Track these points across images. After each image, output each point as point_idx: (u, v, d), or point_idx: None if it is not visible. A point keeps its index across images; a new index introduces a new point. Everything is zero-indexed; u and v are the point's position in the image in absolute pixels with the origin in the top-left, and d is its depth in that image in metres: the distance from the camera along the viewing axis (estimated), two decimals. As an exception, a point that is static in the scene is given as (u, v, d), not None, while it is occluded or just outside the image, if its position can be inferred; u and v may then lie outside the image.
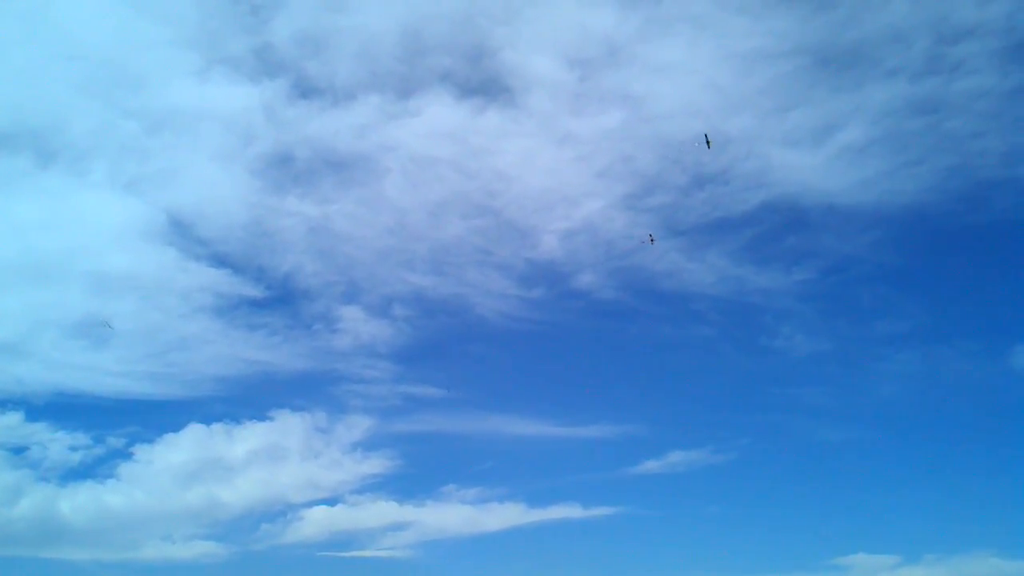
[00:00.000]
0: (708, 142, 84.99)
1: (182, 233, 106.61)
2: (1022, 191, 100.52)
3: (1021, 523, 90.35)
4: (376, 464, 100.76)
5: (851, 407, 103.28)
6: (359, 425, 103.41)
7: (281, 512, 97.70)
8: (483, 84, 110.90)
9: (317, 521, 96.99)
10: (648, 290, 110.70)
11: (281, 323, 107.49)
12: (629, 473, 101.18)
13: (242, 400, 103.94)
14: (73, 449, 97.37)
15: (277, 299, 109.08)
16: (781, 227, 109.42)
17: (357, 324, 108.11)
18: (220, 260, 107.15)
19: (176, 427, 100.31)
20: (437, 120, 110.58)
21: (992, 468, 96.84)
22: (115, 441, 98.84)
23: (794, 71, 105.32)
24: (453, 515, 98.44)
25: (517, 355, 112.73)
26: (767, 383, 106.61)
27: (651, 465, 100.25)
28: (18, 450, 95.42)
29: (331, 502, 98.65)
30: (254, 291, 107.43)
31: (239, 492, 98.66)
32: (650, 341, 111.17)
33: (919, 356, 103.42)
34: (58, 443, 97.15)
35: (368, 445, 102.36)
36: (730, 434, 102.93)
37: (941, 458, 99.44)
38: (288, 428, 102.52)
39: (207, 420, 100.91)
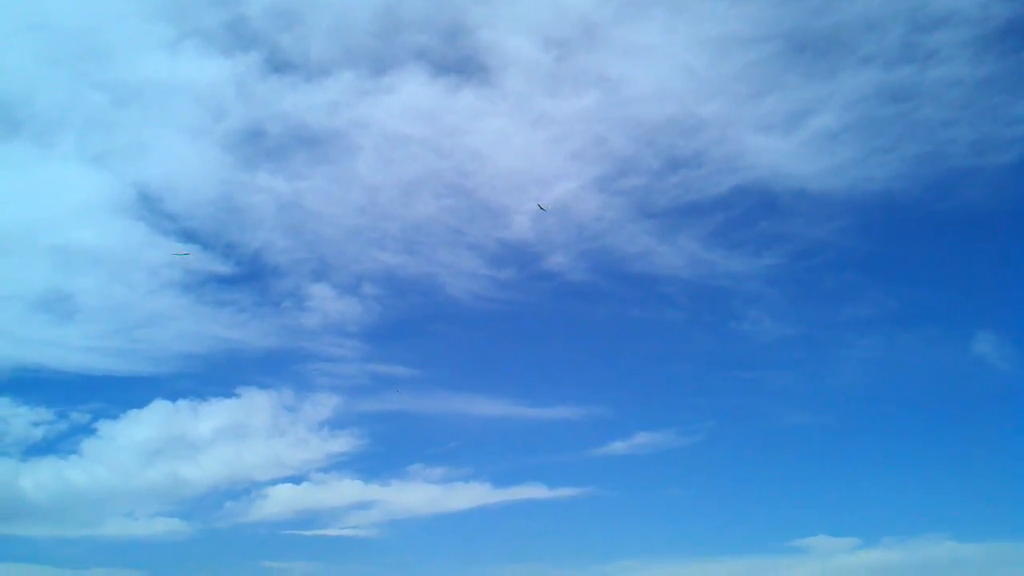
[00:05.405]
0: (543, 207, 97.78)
1: (150, 208, 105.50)
2: (991, 180, 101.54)
3: (978, 507, 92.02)
4: (342, 443, 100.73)
5: (816, 391, 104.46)
6: (326, 403, 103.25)
7: (246, 490, 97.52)
8: (459, 62, 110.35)
9: (282, 499, 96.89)
10: (618, 272, 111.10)
11: (249, 300, 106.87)
12: (595, 454, 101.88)
13: (208, 377, 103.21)
14: (36, 424, 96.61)
15: (246, 276, 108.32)
16: (752, 211, 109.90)
17: (326, 302, 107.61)
18: (189, 235, 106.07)
19: (141, 403, 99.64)
20: (411, 98, 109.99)
21: (951, 453, 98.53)
22: (79, 417, 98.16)
23: (768, 56, 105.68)
24: (419, 494, 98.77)
25: (486, 335, 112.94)
26: (734, 366, 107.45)
27: (617, 446, 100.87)
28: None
29: (296, 480, 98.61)
30: (223, 267, 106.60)
31: (203, 469, 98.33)
32: (619, 323, 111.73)
33: (884, 342, 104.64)
34: (21, 418, 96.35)
35: (335, 424, 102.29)
36: (696, 416, 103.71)
37: (901, 443, 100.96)
38: (254, 406, 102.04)
39: (172, 397, 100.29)
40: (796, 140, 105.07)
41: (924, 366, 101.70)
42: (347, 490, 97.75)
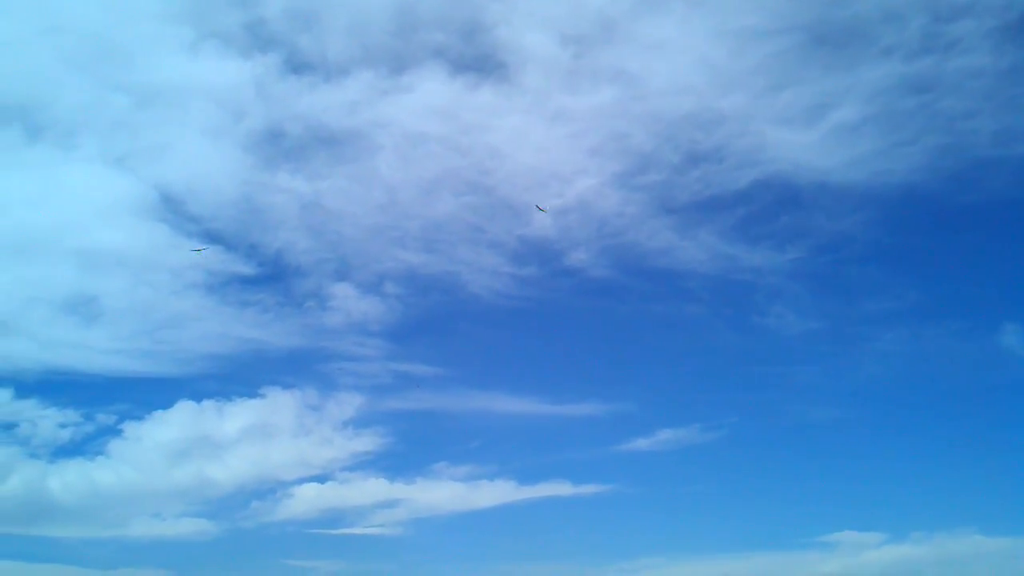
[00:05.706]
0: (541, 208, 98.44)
1: (173, 209, 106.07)
2: (1014, 171, 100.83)
3: (1005, 501, 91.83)
4: (367, 441, 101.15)
5: (840, 386, 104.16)
6: (350, 402, 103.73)
7: (271, 489, 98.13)
8: (477, 60, 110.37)
9: (307, 498, 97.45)
10: (640, 268, 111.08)
11: (272, 300, 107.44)
12: (619, 451, 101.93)
13: (233, 377, 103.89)
14: (63, 426, 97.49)
15: (269, 276, 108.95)
16: (773, 205, 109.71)
17: (348, 301, 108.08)
18: (211, 237, 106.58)
19: (166, 404, 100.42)
20: (430, 96, 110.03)
21: (977, 447, 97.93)
22: (105, 418, 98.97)
23: (788, 49, 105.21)
24: (443, 492, 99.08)
25: (508, 333, 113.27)
26: (757, 361, 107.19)
27: (641, 443, 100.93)
28: (7, 427, 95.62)
29: (321, 479, 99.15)
30: (245, 268, 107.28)
31: (229, 469, 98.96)
32: (641, 319, 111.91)
33: (909, 335, 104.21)
34: (48, 420, 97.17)
35: (359, 422, 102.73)
36: (719, 412, 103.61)
37: (928, 437, 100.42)
38: (279, 405, 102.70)
39: (197, 397, 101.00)
40: (817, 133, 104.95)
41: (950, 359, 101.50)
42: (372, 489, 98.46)
